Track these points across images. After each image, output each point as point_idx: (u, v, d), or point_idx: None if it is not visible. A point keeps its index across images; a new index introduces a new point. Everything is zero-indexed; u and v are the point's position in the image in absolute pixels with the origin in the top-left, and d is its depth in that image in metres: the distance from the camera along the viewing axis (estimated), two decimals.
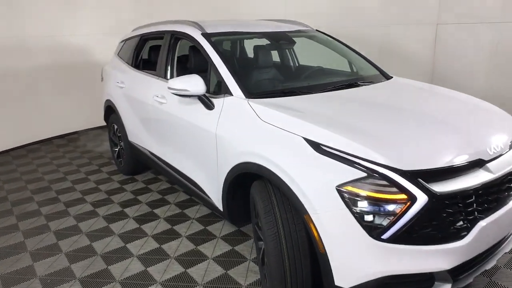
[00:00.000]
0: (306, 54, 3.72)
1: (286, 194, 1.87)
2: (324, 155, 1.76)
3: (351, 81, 2.72)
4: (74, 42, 5.84)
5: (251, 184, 2.26)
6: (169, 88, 2.57)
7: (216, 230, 3.03)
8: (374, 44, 5.80)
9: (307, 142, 1.84)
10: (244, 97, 2.34)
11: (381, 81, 2.87)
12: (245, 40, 3.74)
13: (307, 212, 1.75)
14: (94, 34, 5.97)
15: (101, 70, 4.70)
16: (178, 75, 3.19)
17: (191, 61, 3.15)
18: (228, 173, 2.31)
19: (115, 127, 4.24)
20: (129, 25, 4.62)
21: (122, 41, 4.37)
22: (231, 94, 2.41)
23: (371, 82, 2.78)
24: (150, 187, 3.95)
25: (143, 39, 3.87)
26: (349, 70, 3.27)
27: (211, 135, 2.44)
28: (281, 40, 3.15)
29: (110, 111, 4.27)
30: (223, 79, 2.49)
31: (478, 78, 4.89)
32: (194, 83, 2.47)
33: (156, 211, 3.41)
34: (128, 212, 3.42)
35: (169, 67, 3.22)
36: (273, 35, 3.18)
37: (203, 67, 2.99)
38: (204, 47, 2.72)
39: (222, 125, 2.37)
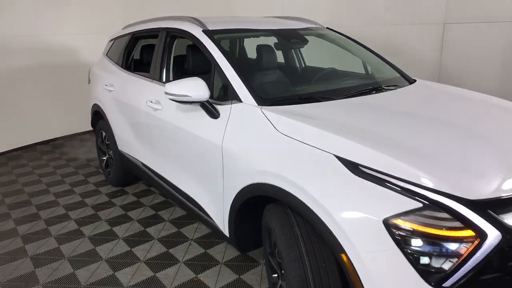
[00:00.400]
0: (314, 54, 3.38)
1: (315, 226, 1.52)
2: (365, 179, 1.41)
3: (375, 85, 2.38)
4: (59, 42, 5.42)
5: (263, 206, 1.91)
6: (166, 93, 2.20)
7: (219, 253, 2.66)
8: (377, 44, 5.51)
9: (341, 162, 1.49)
10: (256, 104, 1.98)
11: (406, 85, 2.54)
12: (245, 39, 3.39)
13: (344, 250, 1.40)
14: (80, 33, 5.57)
15: (88, 72, 4.30)
16: (174, 78, 2.83)
17: (190, 62, 2.79)
18: (237, 194, 1.95)
19: (103, 134, 3.85)
20: (119, 24, 4.24)
21: (111, 39, 3.99)
22: (240, 101, 2.05)
23: (396, 86, 2.44)
24: (142, 201, 3.56)
25: (135, 37, 3.50)
26: (364, 71, 2.94)
27: (216, 148, 2.08)
28: (293, 39, 2.80)
29: (98, 116, 3.88)
30: (230, 83, 2.12)
31: (487, 80, 4.65)
32: (196, 88, 2.10)
33: (149, 230, 3.03)
34: (118, 231, 3.03)
35: (164, 69, 2.84)
36: (284, 33, 2.82)
37: (203, 69, 2.64)
38: (207, 46, 2.36)
39: (229, 137, 2.01)
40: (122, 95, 3.29)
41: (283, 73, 2.58)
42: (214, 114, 2.13)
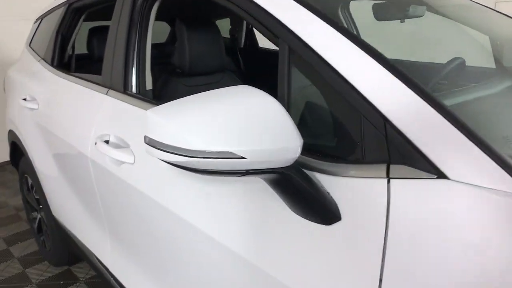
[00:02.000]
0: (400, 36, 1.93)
1: None
2: None
3: None
4: None
5: None
6: (150, 146, 0.66)
7: None
8: (408, 31, 4.31)
9: None
10: None
11: None
12: None
13: None
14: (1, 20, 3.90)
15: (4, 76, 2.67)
16: (154, 87, 1.31)
17: (185, 51, 1.29)
18: None
19: (30, 181, 2.26)
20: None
21: (38, 19, 2.39)
22: (440, 175, 0.57)
23: None
24: None
25: (74, 9, 1.91)
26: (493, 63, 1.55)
27: None
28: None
29: (19, 151, 2.28)
30: (385, 117, 0.62)
31: None
32: (263, 132, 0.59)
33: None
34: None
35: (133, 68, 1.31)
36: None
37: (220, 66, 1.18)
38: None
39: None
40: (52, 119, 1.70)
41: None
42: (326, 216, 0.63)
